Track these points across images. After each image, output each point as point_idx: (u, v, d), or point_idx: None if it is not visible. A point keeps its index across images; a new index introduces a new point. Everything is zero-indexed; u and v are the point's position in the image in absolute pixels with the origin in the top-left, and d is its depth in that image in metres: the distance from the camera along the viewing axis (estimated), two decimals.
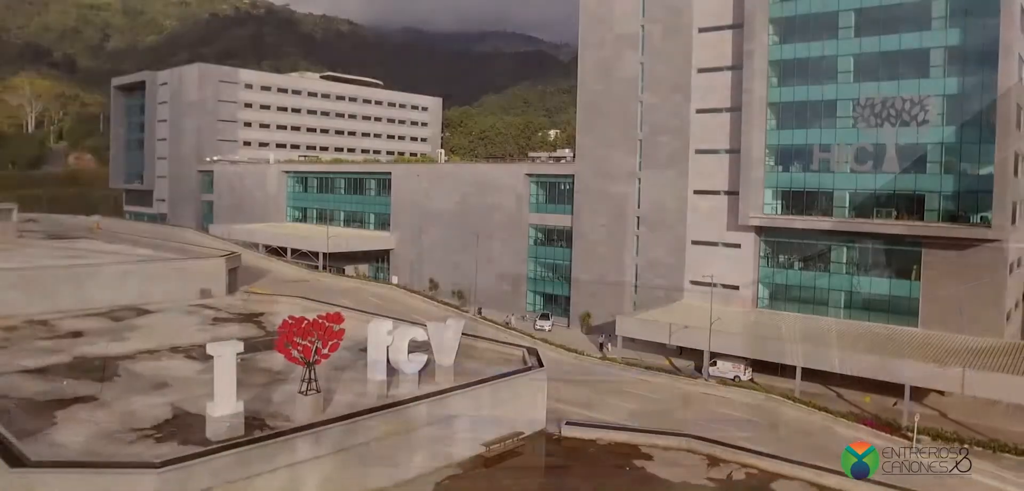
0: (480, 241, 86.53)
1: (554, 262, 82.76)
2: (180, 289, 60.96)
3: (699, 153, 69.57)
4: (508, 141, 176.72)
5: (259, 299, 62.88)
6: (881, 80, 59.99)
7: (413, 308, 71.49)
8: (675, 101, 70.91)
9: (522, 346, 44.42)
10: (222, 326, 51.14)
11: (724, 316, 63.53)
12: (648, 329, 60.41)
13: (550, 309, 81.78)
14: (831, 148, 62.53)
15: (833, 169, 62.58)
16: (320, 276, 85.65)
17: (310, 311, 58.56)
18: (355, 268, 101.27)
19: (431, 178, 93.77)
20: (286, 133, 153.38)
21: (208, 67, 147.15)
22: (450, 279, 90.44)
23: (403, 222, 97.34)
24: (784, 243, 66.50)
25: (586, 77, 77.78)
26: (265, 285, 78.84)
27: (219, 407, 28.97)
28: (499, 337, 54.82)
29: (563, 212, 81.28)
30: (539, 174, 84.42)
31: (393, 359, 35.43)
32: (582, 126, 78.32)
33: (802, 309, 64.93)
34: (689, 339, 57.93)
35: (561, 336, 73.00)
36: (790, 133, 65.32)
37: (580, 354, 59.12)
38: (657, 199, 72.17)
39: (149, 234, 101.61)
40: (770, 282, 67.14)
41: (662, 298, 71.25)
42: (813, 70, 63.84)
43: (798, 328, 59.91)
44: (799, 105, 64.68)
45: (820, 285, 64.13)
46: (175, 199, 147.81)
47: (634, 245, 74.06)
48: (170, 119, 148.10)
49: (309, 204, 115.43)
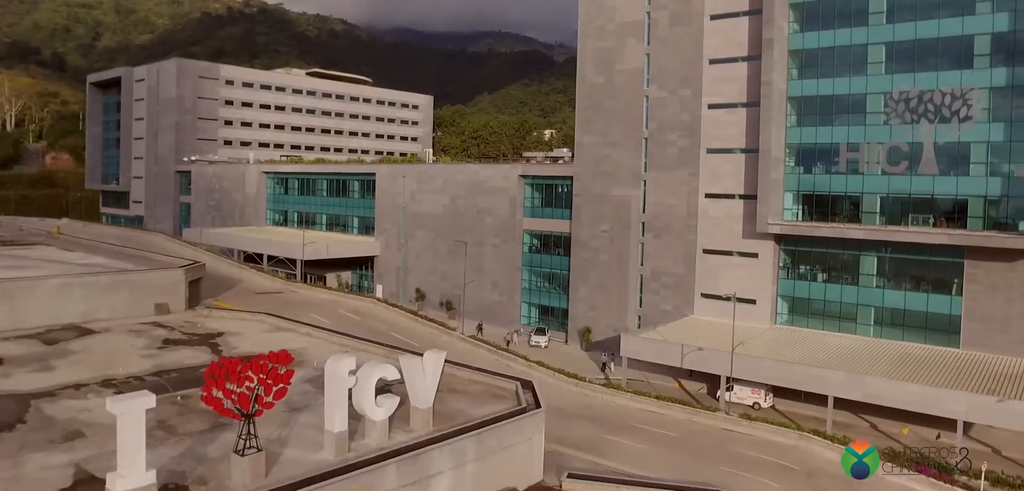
0: (471, 248, 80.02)
1: (551, 271, 76.18)
2: (131, 304, 54.35)
3: (711, 153, 63.12)
4: (502, 140, 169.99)
5: (222, 315, 56.28)
6: (917, 71, 53.73)
7: (394, 325, 64.80)
8: (684, 95, 64.46)
9: (516, 379, 37.83)
10: (171, 350, 44.56)
11: (740, 333, 57.23)
12: (657, 350, 53.93)
13: (547, 322, 75.25)
14: (860, 147, 56.18)
15: (862, 170, 56.23)
16: (296, 287, 78.95)
17: (276, 331, 52.07)
18: (337, 276, 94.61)
19: (417, 179, 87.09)
20: (270, 132, 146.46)
21: (186, 62, 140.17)
22: (438, 289, 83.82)
23: (388, 227, 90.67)
24: (806, 252, 60.14)
25: (586, 70, 71.23)
26: (234, 297, 72.28)
27: (123, 480, 22.41)
28: (489, 365, 48.38)
29: (561, 217, 74.73)
30: (535, 175, 77.81)
31: (358, 404, 28.87)
32: (582, 124, 71.77)
33: (826, 325, 58.59)
34: (704, 362, 51.42)
35: (558, 353, 66.53)
36: (813, 131, 58.97)
37: (581, 381, 52.46)
38: (664, 203, 65.70)
39: (116, 239, 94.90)
40: (790, 295, 60.74)
41: (670, 312, 64.82)
42: (839, 60, 57.52)
43: (825, 348, 53.59)
44: (823, 99, 58.32)
45: (847, 299, 57.76)
46: (152, 201, 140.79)
47: (639, 254, 67.58)
48: (147, 117, 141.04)
49: (290, 207, 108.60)
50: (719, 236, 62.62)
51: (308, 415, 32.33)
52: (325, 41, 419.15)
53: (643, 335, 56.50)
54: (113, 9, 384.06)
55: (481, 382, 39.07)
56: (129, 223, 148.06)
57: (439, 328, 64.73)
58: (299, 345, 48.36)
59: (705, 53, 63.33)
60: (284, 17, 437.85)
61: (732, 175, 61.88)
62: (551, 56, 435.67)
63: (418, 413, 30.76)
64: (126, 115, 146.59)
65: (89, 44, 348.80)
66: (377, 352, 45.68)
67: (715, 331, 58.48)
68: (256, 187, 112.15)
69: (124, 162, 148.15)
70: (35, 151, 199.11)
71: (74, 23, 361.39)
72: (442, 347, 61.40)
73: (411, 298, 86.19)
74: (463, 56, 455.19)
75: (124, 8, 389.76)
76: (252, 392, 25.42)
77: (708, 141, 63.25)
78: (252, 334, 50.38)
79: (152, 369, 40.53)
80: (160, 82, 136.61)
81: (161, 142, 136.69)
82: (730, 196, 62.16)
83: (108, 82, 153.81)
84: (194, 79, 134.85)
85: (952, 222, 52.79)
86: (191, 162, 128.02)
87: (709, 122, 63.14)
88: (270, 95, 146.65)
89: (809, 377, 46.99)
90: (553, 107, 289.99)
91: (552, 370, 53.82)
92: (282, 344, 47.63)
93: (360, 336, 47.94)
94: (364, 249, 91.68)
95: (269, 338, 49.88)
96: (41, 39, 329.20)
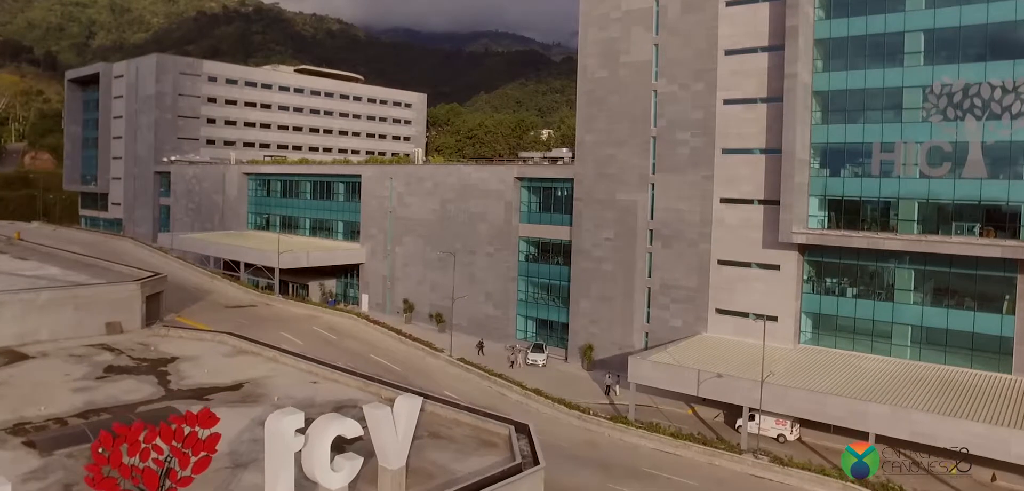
0: (463, 256, 73.96)
1: (549, 282, 70.08)
2: (77, 324, 48.22)
3: (727, 153, 57.10)
4: (498, 140, 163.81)
5: (180, 335, 50.14)
6: (962, 61, 47.77)
7: (375, 345, 58.50)
8: (697, 90, 58.44)
9: (509, 422, 31.69)
10: (111, 381, 38.49)
11: (759, 354, 51.27)
12: (670, 376, 47.86)
13: (545, 337, 69.17)
14: (895, 147, 50.15)
15: (897, 173, 50.23)
16: (270, 300, 72.71)
17: (237, 355, 45.90)
18: (321, 285, 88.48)
19: (405, 181, 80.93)
20: (255, 131, 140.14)
21: (167, 58, 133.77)
22: (428, 300, 77.69)
23: (375, 232, 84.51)
24: (833, 264, 54.13)
25: (588, 62, 65.16)
26: (201, 312, 66.17)
27: None
28: (481, 393, 42.35)
29: (560, 223, 68.64)
30: (532, 178, 71.65)
31: (309, 470, 22.87)
32: (583, 121, 65.69)
33: (857, 345, 52.57)
34: (725, 392, 45.33)
35: (558, 374, 60.49)
36: (841, 129, 52.98)
37: (584, 413, 46.23)
38: (675, 209, 59.67)
39: (82, 246, 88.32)
40: (815, 312, 54.71)
41: (681, 329, 58.81)
42: (871, 50, 51.55)
43: (858, 374, 47.58)
44: (853, 94, 52.34)
45: (880, 317, 51.75)
46: (131, 203, 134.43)
47: (646, 264, 61.52)
48: (126, 115, 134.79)
49: (272, 210, 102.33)
50: (736, 245, 56.59)
51: (256, 473, 26.25)
52: (321, 40, 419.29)
53: (653, 358, 50.41)
54: (108, 8, 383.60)
55: (468, 424, 33.00)
56: (108, 226, 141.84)
57: (425, 349, 58.48)
58: (261, 373, 42.40)
59: (720, 43, 57.31)
60: (280, 16, 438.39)
61: (750, 178, 55.87)
62: (549, 56, 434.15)
63: (388, 474, 24.72)
64: (105, 113, 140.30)
65: (83, 43, 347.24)
66: (350, 383, 39.71)
67: (733, 352, 52.49)
68: (237, 189, 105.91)
69: (102, 162, 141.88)
70: (15, 151, 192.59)
71: (68, 22, 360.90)
72: (428, 371, 55.75)
73: (399, 309, 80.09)
74: (460, 56, 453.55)
75: (119, 7, 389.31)
76: (162, 467, 19.39)
77: (723, 140, 57.22)
78: (210, 359, 44.41)
79: (81, 407, 34.37)
80: (139, 78, 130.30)
81: (140, 141, 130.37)
82: (748, 201, 56.15)
83: (87, 78, 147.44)
84: (174, 75, 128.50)
85: (1001, 231, 46.81)
86: (171, 162, 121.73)
87: (725, 119, 57.13)
88: (255, 93, 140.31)
89: (847, 411, 40.90)
90: (551, 107, 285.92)
91: (551, 400, 47.64)
92: (242, 371, 41.69)
93: (330, 364, 41.85)
94: (349, 256, 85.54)
95: (228, 364, 43.91)
96: (35, 38, 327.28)
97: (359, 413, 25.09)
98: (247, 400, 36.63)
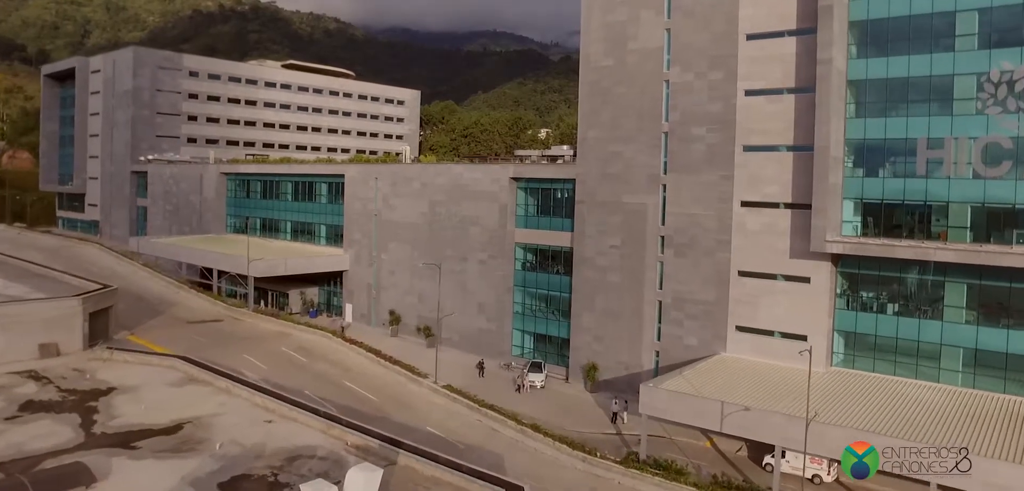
0: (454, 264, 67.50)
1: (548, 293, 63.59)
2: (4, 347, 41.82)
3: (749, 150, 50.64)
4: (495, 139, 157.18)
5: (126, 359, 43.68)
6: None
7: (349, 369, 51.42)
8: (714, 79, 51.99)
9: (500, 483, 25.22)
10: (22, 423, 32.15)
11: (787, 379, 45.05)
12: (688, 408, 41.35)
13: (544, 354, 62.71)
14: (944, 143, 43.68)
15: (946, 174, 43.77)
16: (240, 314, 65.99)
17: (186, 384, 39.20)
18: (301, 293, 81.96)
19: (391, 182, 74.36)
20: (239, 129, 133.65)
21: (144, 51, 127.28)
22: (415, 312, 71.18)
23: (359, 237, 77.98)
24: (871, 277, 47.67)
25: (591, 49, 58.68)
26: (161, 327, 59.54)
27: None
28: (469, 429, 35.63)
29: (560, 228, 62.18)
30: (529, 178, 65.06)
31: None
32: (586, 115, 59.22)
33: (899, 369, 46.11)
34: (755, 428, 38.83)
35: (558, 397, 54.11)
36: (880, 123, 46.48)
37: (590, 454, 39.50)
38: (689, 213, 53.21)
39: (43, 252, 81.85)
40: (851, 330, 48.24)
41: (696, 348, 52.38)
42: (917, 32, 45.05)
43: (905, 405, 41.16)
44: (894, 84, 45.87)
45: (927, 338, 45.28)
46: (108, 204, 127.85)
47: (657, 275, 55.06)
48: (103, 112, 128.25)
49: (251, 212, 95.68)
50: (759, 255, 50.12)
51: None
52: (318, 39, 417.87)
53: (668, 385, 43.87)
54: (103, 6, 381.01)
55: (450, 484, 26.60)
56: (85, 228, 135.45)
57: (406, 375, 51.62)
58: (208, 409, 36.02)
59: (741, 26, 50.84)
60: (277, 15, 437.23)
61: (776, 178, 49.40)
62: (547, 56, 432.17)
63: None
64: (81, 110, 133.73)
65: (78, 42, 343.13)
66: (310, 424, 33.36)
67: (758, 377, 46.08)
68: (215, 190, 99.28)
69: (78, 161, 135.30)
70: None
71: (63, 20, 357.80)
72: (409, 402, 48.86)
73: (385, 321, 73.60)
74: (458, 55, 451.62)
75: (114, 5, 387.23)
76: None
77: (745, 136, 50.75)
78: (152, 390, 37.97)
79: None
80: (116, 73, 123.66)
81: (116, 139, 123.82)
82: (773, 205, 49.67)
83: (64, 73, 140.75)
84: (153, 69, 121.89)
85: None
86: (148, 161, 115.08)
87: (746, 112, 50.66)
88: (240, 89, 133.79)
89: (909, 458, 34.29)
90: (549, 106, 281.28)
91: (552, 438, 40.97)
92: (186, 406, 35.06)
93: (289, 400, 35.44)
94: (331, 263, 78.94)
95: (172, 397, 37.39)
96: (29, 36, 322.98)
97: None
98: (182, 449, 30.28)
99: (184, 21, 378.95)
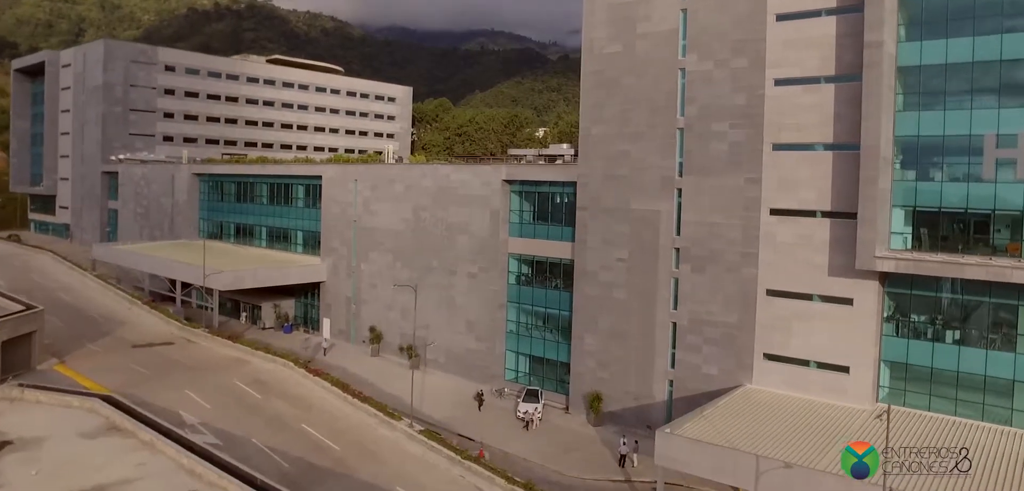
0: (440, 276, 60.36)
1: (546, 311, 56.39)
2: None
3: (780, 149, 43.49)
4: (490, 137, 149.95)
5: (37, 397, 36.45)
6: None
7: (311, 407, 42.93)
8: (738, 67, 44.82)
9: None
10: None
11: (832, 419, 37.98)
12: (713, 460, 34.17)
13: (541, 380, 55.49)
14: (1018, 141, 36.58)
15: (1021, 177, 36.65)
16: (194, 336, 58.50)
17: (102, 436, 31.43)
18: (275, 307, 74.73)
19: (372, 184, 67.11)
20: (219, 127, 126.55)
21: (116, 44, 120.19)
22: (398, 329, 63.97)
23: (337, 245, 70.72)
24: (927, 298, 40.51)
25: (595, 34, 51.47)
26: (100, 353, 52.10)
27: None
28: (448, 487, 28.29)
29: (559, 237, 54.99)
30: (524, 180, 57.76)
31: None
32: (589, 109, 52.03)
33: (961, 409, 38.98)
34: (797, 488, 31.59)
35: (556, 432, 46.99)
36: (937, 117, 39.38)
37: None
38: (709, 222, 46.03)
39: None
40: (901, 361, 41.06)
41: (716, 378, 45.26)
42: (983, 9, 37.94)
43: (978, 453, 33.90)
44: (956, 70, 38.78)
45: (996, 372, 38.13)
46: (79, 206, 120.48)
47: (670, 293, 47.87)
48: (74, 108, 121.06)
49: (225, 216, 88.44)
50: (792, 271, 42.96)
51: None
52: (315, 38, 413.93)
53: (687, 430, 36.61)
54: (97, 5, 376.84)
55: None
56: (57, 232, 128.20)
57: (378, 416, 43.79)
58: (121, 473, 28.82)
59: (770, 5, 43.70)
60: (273, 13, 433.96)
61: (812, 183, 42.26)
62: (545, 55, 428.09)
63: None
64: (51, 107, 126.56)
65: (72, 41, 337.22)
66: None
67: (793, 415, 39.01)
68: (187, 192, 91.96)
69: (49, 161, 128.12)
70: None
71: (57, 18, 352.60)
72: (378, 452, 40.12)
73: (365, 339, 66.40)
74: (455, 54, 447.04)
75: (109, 3, 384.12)
76: None
77: (775, 133, 43.57)
78: (57, 445, 30.72)
79: None
80: (86, 67, 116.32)
81: (87, 138, 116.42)
82: (809, 213, 42.52)
83: (35, 68, 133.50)
84: (125, 64, 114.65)
85: None
86: (119, 161, 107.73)
87: (776, 105, 43.49)
88: (220, 84, 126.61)
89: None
90: (547, 105, 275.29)
91: None
92: (93, 470, 27.40)
93: (223, 464, 28.23)
94: (305, 274, 71.65)
95: (79, 454, 30.09)
96: (23, 35, 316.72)
97: None
98: None
99: (179, 19, 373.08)
